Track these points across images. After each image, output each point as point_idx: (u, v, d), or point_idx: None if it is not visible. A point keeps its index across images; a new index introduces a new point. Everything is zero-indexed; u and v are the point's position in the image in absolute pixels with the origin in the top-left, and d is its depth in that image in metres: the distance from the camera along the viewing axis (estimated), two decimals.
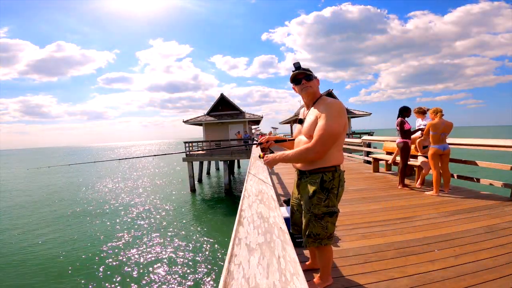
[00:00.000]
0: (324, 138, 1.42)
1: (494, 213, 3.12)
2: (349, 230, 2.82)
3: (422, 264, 2.06)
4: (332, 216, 1.56)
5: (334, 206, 1.56)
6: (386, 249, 2.34)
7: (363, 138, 8.58)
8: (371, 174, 6.27)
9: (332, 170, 1.55)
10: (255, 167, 2.06)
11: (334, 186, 1.54)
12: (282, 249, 0.67)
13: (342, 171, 1.60)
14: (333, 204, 1.56)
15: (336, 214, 1.58)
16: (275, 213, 0.99)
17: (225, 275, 0.53)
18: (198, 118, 21.40)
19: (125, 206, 13.75)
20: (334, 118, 1.45)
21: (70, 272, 7.00)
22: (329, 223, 1.56)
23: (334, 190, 1.55)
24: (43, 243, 9.19)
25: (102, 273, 6.85)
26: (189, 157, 15.73)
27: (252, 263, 0.58)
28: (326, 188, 1.54)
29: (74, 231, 10.26)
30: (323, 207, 1.54)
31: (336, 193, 1.56)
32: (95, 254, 7.99)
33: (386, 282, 1.84)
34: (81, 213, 12.90)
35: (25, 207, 14.69)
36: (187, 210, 12.73)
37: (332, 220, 1.57)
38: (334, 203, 1.57)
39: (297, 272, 0.56)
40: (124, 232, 9.79)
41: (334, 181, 1.54)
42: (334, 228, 1.61)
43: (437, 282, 1.81)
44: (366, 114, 22.30)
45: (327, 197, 1.54)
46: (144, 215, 11.90)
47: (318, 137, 1.43)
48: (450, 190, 4.21)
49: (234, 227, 0.81)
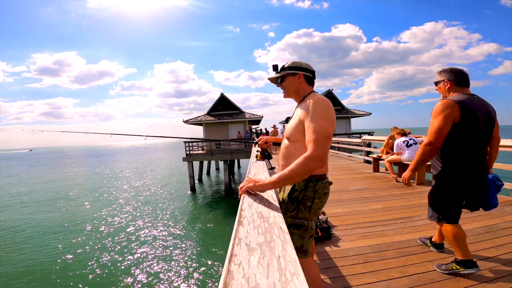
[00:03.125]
0: (322, 141, 1.22)
1: (494, 213, 3.12)
2: (349, 230, 2.82)
3: (422, 264, 2.06)
4: (298, 228, 1.37)
5: (304, 219, 1.38)
6: (386, 249, 2.34)
7: (363, 138, 8.58)
8: (371, 174, 6.26)
9: (306, 179, 1.35)
10: (255, 167, 2.06)
11: (307, 198, 1.36)
12: (282, 249, 0.66)
13: (321, 182, 1.38)
14: (303, 216, 1.37)
15: (304, 228, 1.38)
16: (275, 213, 0.99)
17: (225, 274, 0.53)
18: (198, 118, 21.41)
19: (125, 205, 13.76)
20: (325, 115, 1.27)
21: (70, 271, 7.01)
22: (295, 235, 1.36)
23: (307, 202, 1.36)
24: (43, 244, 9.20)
25: (101, 273, 6.85)
26: (189, 157, 15.73)
27: (252, 263, 0.58)
28: (295, 198, 1.37)
29: (75, 228, 10.27)
30: (288, 217, 1.38)
31: (310, 205, 1.36)
32: (95, 254, 8.00)
33: (386, 282, 1.85)
34: (81, 212, 12.91)
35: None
36: (187, 210, 12.74)
37: (300, 233, 1.37)
38: (305, 215, 1.37)
39: (297, 272, 0.56)
40: (124, 232, 9.80)
41: (306, 192, 1.35)
42: (302, 242, 1.38)
43: (437, 282, 1.81)
44: (366, 114, 22.31)
45: (296, 208, 1.37)
46: (144, 214, 11.90)
47: (315, 142, 1.21)
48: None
49: (234, 227, 0.81)
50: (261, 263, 0.58)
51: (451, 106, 1.71)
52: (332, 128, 1.28)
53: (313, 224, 1.43)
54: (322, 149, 1.21)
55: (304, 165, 1.19)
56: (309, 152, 1.20)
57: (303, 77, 1.44)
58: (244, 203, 1.07)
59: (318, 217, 1.46)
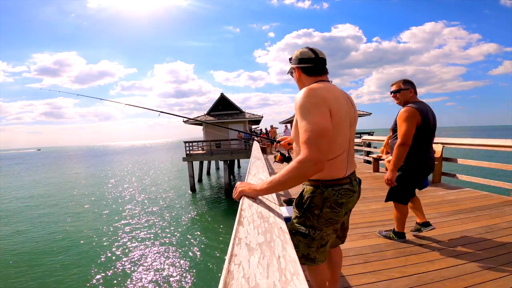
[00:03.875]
0: (313, 141, 1.02)
1: (494, 213, 3.12)
2: (349, 230, 2.80)
3: (422, 264, 2.06)
4: (305, 237, 1.23)
5: (311, 228, 1.22)
6: (386, 249, 2.34)
7: (363, 138, 8.58)
8: (371, 174, 6.27)
9: (314, 185, 1.21)
10: (255, 167, 2.06)
11: (314, 205, 1.20)
12: (282, 249, 0.66)
13: (333, 188, 1.19)
14: (310, 224, 1.22)
15: (311, 238, 1.22)
16: (275, 213, 0.99)
17: (225, 274, 0.53)
18: (198, 118, 21.41)
19: (125, 204, 13.77)
20: (311, 108, 1.07)
21: (70, 271, 7.01)
22: (301, 243, 1.24)
23: (315, 210, 1.20)
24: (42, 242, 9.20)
25: (100, 272, 6.85)
26: (189, 157, 15.73)
27: (252, 263, 0.58)
28: (302, 204, 1.24)
29: (74, 227, 10.27)
30: (295, 224, 1.27)
31: (318, 213, 1.20)
32: (94, 253, 8.00)
33: (386, 282, 1.85)
34: (81, 211, 12.91)
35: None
36: (187, 210, 12.74)
37: (306, 242, 1.24)
38: (313, 224, 1.21)
39: (297, 272, 0.56)
40: (124, 231, 9.80)
41: (314, 199, 1.20)
42: (309, 251, 1.24)
43: (437, 282, 1.81)
44: (366, 114, 22.29)
45: (303, 215, 1.24)
46: (144, 214, 11.91)
47: (305, 144, 1.03)
48: None
49: (234, 227, 0.81)
50: (261, 263, 0.58)
51: (416, 113, 2.18)
52: (323, 119, 1.06)
53: (325, 234, 1.24)
54: (315, 150, 1.01)
55: (296, 170, 1.02)
56: (301, 156, 1.03)
57: (300, 70, 1.30)
58: (244, 203, 1.07)
59: (335, 228, 1.28)
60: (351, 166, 1.27)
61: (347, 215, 1.27)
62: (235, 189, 1.20)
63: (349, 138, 1.24)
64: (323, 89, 1.14)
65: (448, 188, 4.43)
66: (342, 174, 1.21)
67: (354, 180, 1.27)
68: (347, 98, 1.27)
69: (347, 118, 1.20)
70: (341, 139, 1.19)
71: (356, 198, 1.29)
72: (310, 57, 1.27)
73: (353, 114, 1.28)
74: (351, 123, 1.24)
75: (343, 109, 1.17)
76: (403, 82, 2.38)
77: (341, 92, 1.25)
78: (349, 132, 1.23)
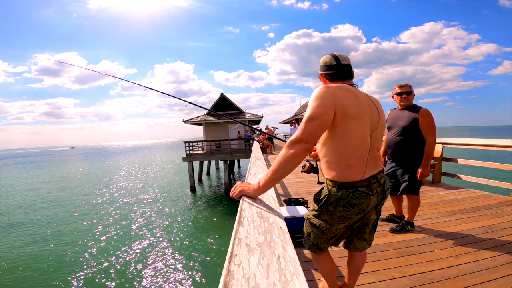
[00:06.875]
0: (304, 125, 1.14)
1: (494, 213, 3.12)
2: None
3: (422, 264, 2.06)
4: (316, 229, 1.36)
5: (324, 222, 1.32)
6: (386, 249, 2.34)
7: None
8: None
9: (330, 185, 1.28)
10: (255, 167, 2.06)
11: (329, 203, 1.28)
12: (282, 249, 0.66)
13: (348, 189, 1.23)
14: (324, 219, 1.32)
15: (321, 230, 1.34)
16: (275, 213, 0.99)
17: (225, 274, 0.53)
18: (198, 118, 21.40)
19: (125, 204, 13.76)
20: (313, 101, 1.19)
21: (69, 270, 7.01)
22: (313, 234, 1.38)
23: (329, 207, 1.29)
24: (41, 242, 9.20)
25: (100, 272, 6.85)
26: (189, 156, 15.73)
27: (252, 263, 0.58)
28: (320, 201, 1.33)
29: (75, 227, 10.27)
30: (311, 216, 1.38)
31: (332, 210, 1.28)
32: (93, 253, 8.00)
33: (386, 282, 1.85)
34: (81, 210, 12.91)
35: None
36: (187, 210, 12.73)
37: (314, 232, 1.37)
38: (326, 219, 1.31)
39: (297, 271, 0.56)
40: (124, 231, 9.80)
41: (330, 198, 1.28)
42: (318, 241, 1.38)
43: (437, 282, 1.81)
44: None
45: (319, 209, 1.33)
46: (144, 214, 11.90)
47: (299, 129, 1.16)
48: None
49: (234, 227, 0.81)
50: (261, 263, 0.58)
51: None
52: (318, 107, 1.16)
53: (335, 229, 1.34)
54: (300, 132, 1.13)
55: (284, 152, 1.12)
56: (292, 137, 1.15)
57: (324, 76, 1.38)
58: (244, 203, 1.07)
59: (347, 224, 1.34)
60: (372, 168, 1.28)
61: (360, 214, 1.28)
62: (234, 187, 1.23)
63: (371, 141, 1.28)
64: (336, 87, 1.22)
65: (448, 188, 4.43)
66: (358, 178, 1.23)
67: (375, 183, 1.28)
68: (370, 102, 1.33)
69: (366, 120, 1.25)
70: (357, 142, 1.22)
71: (375, 200, 1.30)
72: (331, 64, 1.34)
73: (377, 118, 1.32)
74: (373, 127, 1.29)
75: (358, 108, 1.22)
76: (410, 86, 2.64)
77: (364, 95, 1.32)
78: (372, 135, 1.28)
